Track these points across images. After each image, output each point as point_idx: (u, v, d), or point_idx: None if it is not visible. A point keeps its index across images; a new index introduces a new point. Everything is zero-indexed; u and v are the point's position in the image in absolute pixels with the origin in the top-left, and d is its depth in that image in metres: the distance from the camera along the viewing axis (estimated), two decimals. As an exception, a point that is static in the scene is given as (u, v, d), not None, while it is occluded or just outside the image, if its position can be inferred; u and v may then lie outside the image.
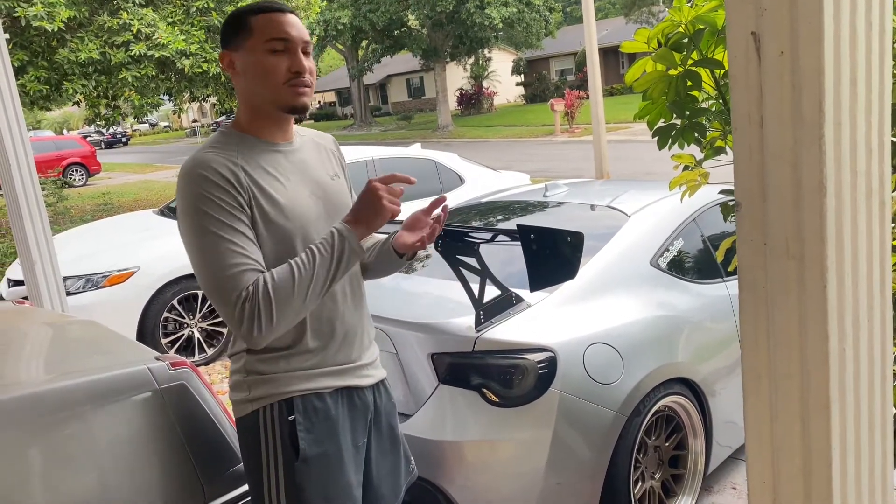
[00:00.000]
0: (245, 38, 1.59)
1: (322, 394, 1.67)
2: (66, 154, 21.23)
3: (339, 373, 1.70)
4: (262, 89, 1.59)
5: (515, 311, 2.52)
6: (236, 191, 1.51)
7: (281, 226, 1.57)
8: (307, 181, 1.68)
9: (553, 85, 38.42)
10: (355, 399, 1.74)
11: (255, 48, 1.58)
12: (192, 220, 1.50)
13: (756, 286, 0.95)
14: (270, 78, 1.57)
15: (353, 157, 6.22)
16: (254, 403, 1.65)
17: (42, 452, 1.66)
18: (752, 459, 1.01)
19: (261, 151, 1.62)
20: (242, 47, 1.59)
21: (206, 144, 1.62)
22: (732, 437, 3.08)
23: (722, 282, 3.08)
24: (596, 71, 10.68)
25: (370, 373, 1.80)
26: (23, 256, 3.64)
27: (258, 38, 1.57)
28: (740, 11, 0.88)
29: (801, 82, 0.85)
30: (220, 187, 1.50)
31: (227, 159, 1.54)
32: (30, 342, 2.39)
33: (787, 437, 0.96)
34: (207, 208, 1.48)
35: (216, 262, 1.48)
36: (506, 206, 3.87)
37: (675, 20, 1.58)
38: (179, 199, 1.54)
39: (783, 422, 0.96)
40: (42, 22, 7.67)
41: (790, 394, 0.95)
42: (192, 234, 1.51)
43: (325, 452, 1.65)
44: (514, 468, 2.44)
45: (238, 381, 1.68)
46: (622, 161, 14.16)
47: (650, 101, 1.69)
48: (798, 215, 0.89)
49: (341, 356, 1.71)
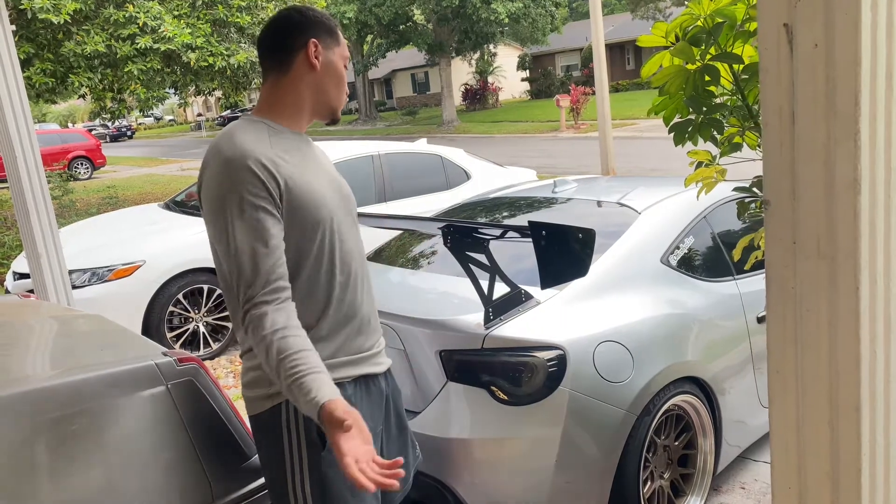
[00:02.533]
0: (335, 42, 1.73)
1: (343, 383, 1.67)
2: (71, 147, 21.23)
3: (357, 361, 1.72)
4: (332, 92, 1.72)
5: (525, 309, 2.49)
6: (274, 182, 1.54)
7: (306, 216, 1.59)
8: (325, 173, 1.73)
9: (558, 81, 38.33)
10: (372, 386, 1.76)
11: (338, 57, 1.73)
12: (228, 213, 1.52)
13: (785, 286, 0.92)
14: (342, 87, 1.74)
15: (359, 152, 6.19)
16: (275, 398, 1.63)
17: (49, 448, 1.64)
18: (777, 463, 0.99)
19: (289, 139, 1.67)
20: (330, 48, 1.71)
21: (237, 129, 1.62)
22: (742, 437, 3.06)
23: (733, 280, 3.04)
24: (602, 67, 10.61)
25: (382, 360, 1.82)
26: (28, 249, 3.63)
27: (342, 50, 1.74)
28: (772, 2, 0.85)
29: (835, 75, 0.82)
30: (260, 181, 1.52)
31: (264, 149, 1.57)
32: (36, 336, 2.37)
33: (815, 442, 0.94)
34: (249, 205, 1.51)
35: (244, 261, 1.51)
36: (514, 203, 3.85)
37: (695, 13, 1.54)
38: (213, 184, 1.55)
39: (811, 425, 0.94)
40: (48, 14, 7.64)
41: (818, 397, 0.92)
42: (224, 225, 1.52)
43: None
44: (523, 466, 2.41)
45: (257, 377, 1.66)
46: (627, 157, 14.11)
47: (667, 96, 1.65)
48: (830, 213, 0.86)
49: (358, 344, 1.72)
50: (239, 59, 8.89)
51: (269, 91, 1.70)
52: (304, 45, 1.67)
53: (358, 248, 1.77)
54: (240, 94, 10.52)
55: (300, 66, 1.68)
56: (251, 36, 9.36)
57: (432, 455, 2.42)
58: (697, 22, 1.59)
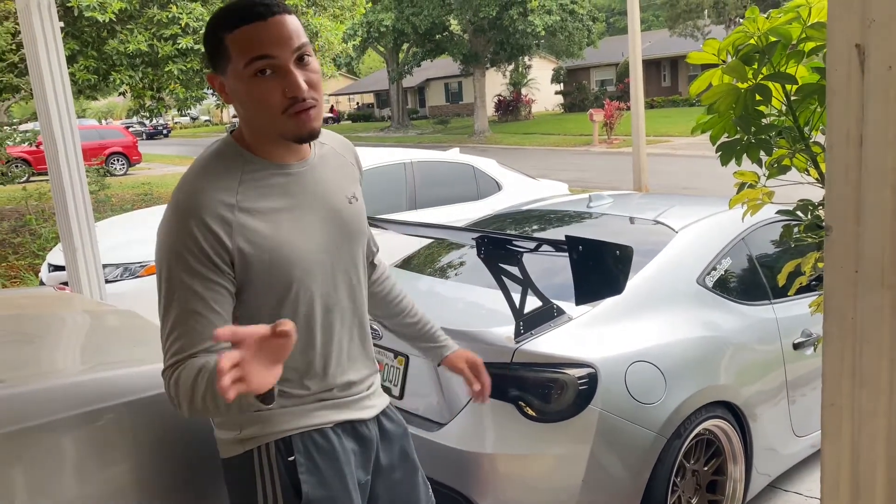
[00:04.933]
0: (225, 62, 1.33)
1: (324, 430, 1.50)
2: (108, 143, 21.61)
3: (340, 405, 1.53)
4: (260, 120, 1.36)
5: (556, 324, 2.45)
6: (221, 248, 1.33)
7: (271, 283, 1.40)
8: (319, 209, 1.47)
9: (593, 95, 38.20)
10: (360, 432, 1.58)
11: (239, 74, 1.32)
12: (164, 269, 1.36)
13: (844, 316, 0.88)
14: (264, 108, 1.33)
15: (391, 160, 6.20)
16: (246, 443, 1.46)
17: (75, 443, 1.64)
18: (828, 501, 0.95)
19: (268, 176, 1.41)
20: (224, 72, 1.35)
21: (204, 167, 1.40)
22: (773, 466, 2.98)
23: (769, 304, 2.98)
24: (638, 82, 10.56)
25: (373, 402, 1.63)
26: (65, 242, 3.68)
27: (238, 60, 1.31)
28: (844, 22, 0.82)
29: (910, 99, 0.79)
30: (199, 246, 1.32)
31: (223, 202, 1.34)
32: (69, 330, 2.39)
33: (870, 481, 0.90)
34: (184, 267, 1.32)
35: (173, 326, 1.34)
36: (547, 216, 3.81)
37: (748, 31, 1.51)
38: (161, 226, 1.38)
39: (866, 464, 0.90)
40: (94, 13, 7.80)
41: (875, 434, 0.88)
42: (161, 280, 1.37)
43: (330, 495, 1.47)
44: (549, 484, 2.38)
45: (226, 420, 1.49)
46: (660, 175, 13.98)
47: (715, 114, 1.62)
48: (897, 242, 0.82)
49: (342, 387, 1.54)
50: (277, 63, 8.97)
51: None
52: (213, 82, 1.40)
53: (351, 290, 1.55)
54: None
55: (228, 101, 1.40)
56: (290, 40, 9.45)
57: (456, 468, 2.40)
58: (750, 40, 1.55)
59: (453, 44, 30.53)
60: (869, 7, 0.79)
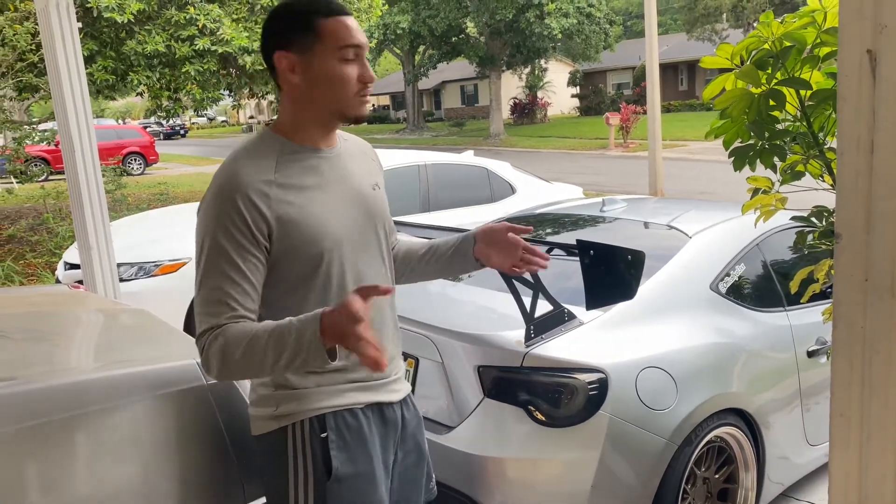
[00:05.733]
0: (312, 42, 1.48)
1: (354, 410, 1.59)
2: (126, 143, 21.79)
3: (371, 388, 1.62)
4: (330, 98, 1.51)
5: (567, 329, 2.44)
6: (261, 220, 1.45)
7: (304, 249, 1.50)
8: (347, 190, 1.60)
9: (609, 98, 38.05)
10: (386, 415, 1.67)
11: (326, 55, 1.48)
12: (206, 242, 1.46)
13: (853, 325, 0.87)
14: (342, 88, 1.49)
15: (406, 161, 6.20)
16: (281, 420, 1.55)
17: (86, 441, 1.65)
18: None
19: (303, 159, 1.55)
20: (309, 51, 1.48)
21: (244, 151, 1.53)
22: (785, 474, 2.95)
23: (783, 311, 2.95)
24: (655, 86, 10.50)
25: (399, 387, 1.72)
26: (80, 241, 3.71)
27: (329, 44, 1.47)
28: (855, 27, 0.81)
29: (922, 106, 0.77)
30: (243, 218, 1.44)
31: (262, 178, 1.47)
32: (83, 328, 2.41)
33: (878, 492, 0.88)
34: (225, 236, 1.44)
35: (210, 291, 1.45)
36: (560, 219, 3.80)
37: (762, 36, 1.50)
38: (203, 209, 1.49)
39: (874, 474, 0.88)
40: (113, 13, 7.88)
41: (884, 445, 0.87)
42: (201, 251, 1.47)
43: (357, 472, 1.56)
44: (557, 489, 2.36)
45: (264, 396, 1.59)
46: (676, 179, 13.91)
47: (729, 119, 1.61)
48: (908, 251, 0.81)
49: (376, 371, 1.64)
50: (293, 65, 9.01)
51: (280, 105, 1.59)
52: (276, 61, 1.51)
53: (377, 270, 1.65)
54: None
55: (285, 83, 1.53)
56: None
57: (465, 472, 2.39)
58: (764, 45, 1.54)
59: (469, 46, 30.53)
60: (881, 12, 0.78)
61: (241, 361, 1.39)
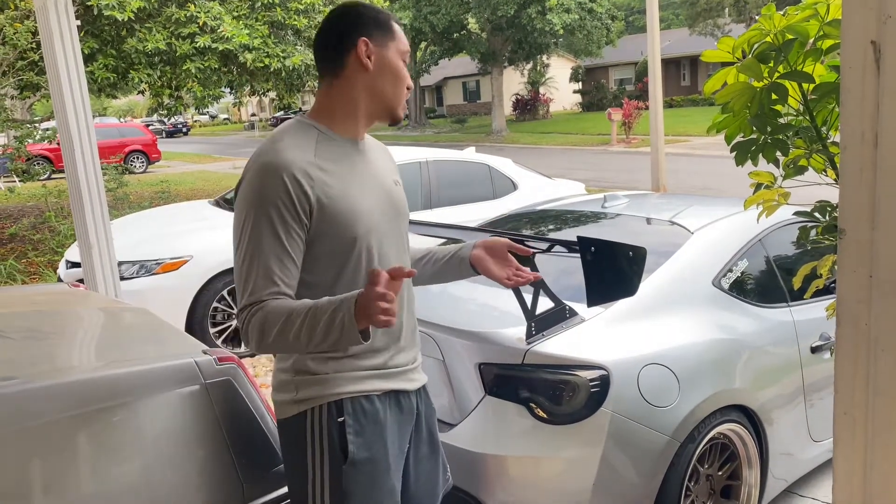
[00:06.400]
0: (389, 38, 1.62)
1: (371, 396, 1.63)
2: (128, 141, 21.79)
3: (388, 375, 1.67)
4: (389, 92, 1.63)
5: (569, 326, 2.43)
6: (305, 198, 1.51)
7: (341, 231, 1.55)
8: (377, 182, 1.68)
9: (611, 94, 37.97)
10: (402, 403, 1.71)
11: (395, 54, 1.63)
12: (251, 218, 1.50)
13: (857, 322, 0.86)
14: (400, 84, 1.64)
15: (407, 158, 6.18)
16: (300, 405, 1.61)
17: (86, 439, 1.65)
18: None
19: (339, 146, 1.62)
20: (384, 45, 1.61)
21: (284, 133, 1.59)
22: (789, 471, 2.94)
23: (787, 307, 2.93)
24: (657, 81, 10.45)
25: (416, 376, 1.77)
26: (81, 240, 3.71)
27: (399, 44, 1.64)
28: (859, 18, 0.79)
29: (927, 98, 0.76)
30: (289, 194, 1.49)
31: (305, 160, 1.53)
32: (83, 327, 2.40)
33: (883, 491, 0.87)
34: (271, 212, 1.48)
35: (253, 266, 1.49)
36: (561, 216, 3.78)
37: (764, 28, 1.48)
38: (246, 187, 1.53)
39: (879, 473, 0.87)
40: (113, 11, 7.85)
41: (889, 443, 0.85)
42: (243, 227, 1.52)
43: (372, 457, 1.61)
44: (559, 487, 2.35)
45: (285, 381, 1.64)
46: (679, 174, 13.86)
47: (730, 113, 1.59)
48: (913, 247, 0.79)
49: (393, 359, 1.68)
50: (294, 62, 9.01)
51: (324, 94, 1.65)
52: (353, 44, 1.59)
53: (401, 259, 1.72)
54: (293, 95, 10.66)
55: (352, 67, 1.60)
56: (307, 39, 9.48)
57: (466, 469, 2.38)
58: (766, 38, 1.52)
59: (471, 42, 30.47)
60: (885, 3, 0.77)
61: (278, 337, 1.46)
